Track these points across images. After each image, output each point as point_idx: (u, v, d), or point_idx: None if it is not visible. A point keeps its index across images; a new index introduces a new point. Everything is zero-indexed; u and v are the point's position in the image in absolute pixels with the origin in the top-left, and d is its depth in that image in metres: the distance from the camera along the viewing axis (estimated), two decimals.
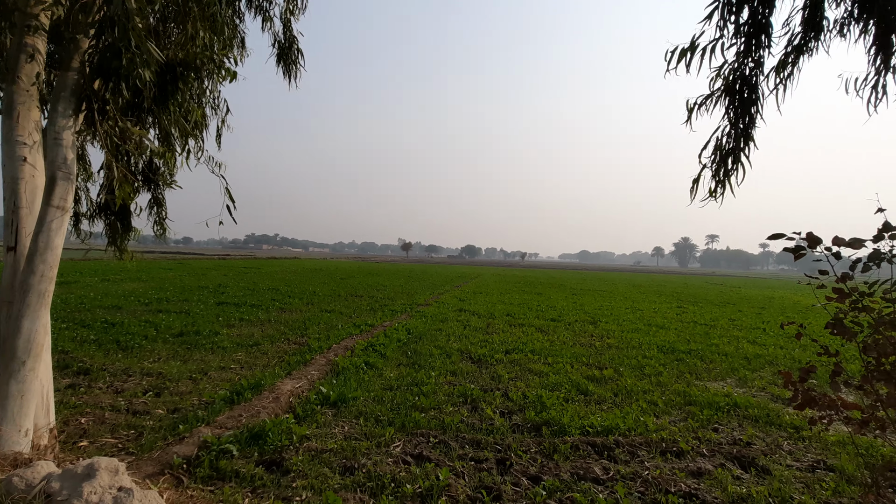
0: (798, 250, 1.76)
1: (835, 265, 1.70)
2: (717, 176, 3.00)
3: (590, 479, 3.64)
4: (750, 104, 2.98)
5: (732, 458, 4.09)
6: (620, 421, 4.77)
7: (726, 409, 5.33)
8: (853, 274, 1.84)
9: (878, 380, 1.83)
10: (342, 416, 4.73)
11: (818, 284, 1.78)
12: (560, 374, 6.66)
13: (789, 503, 3.34)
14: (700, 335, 10.63)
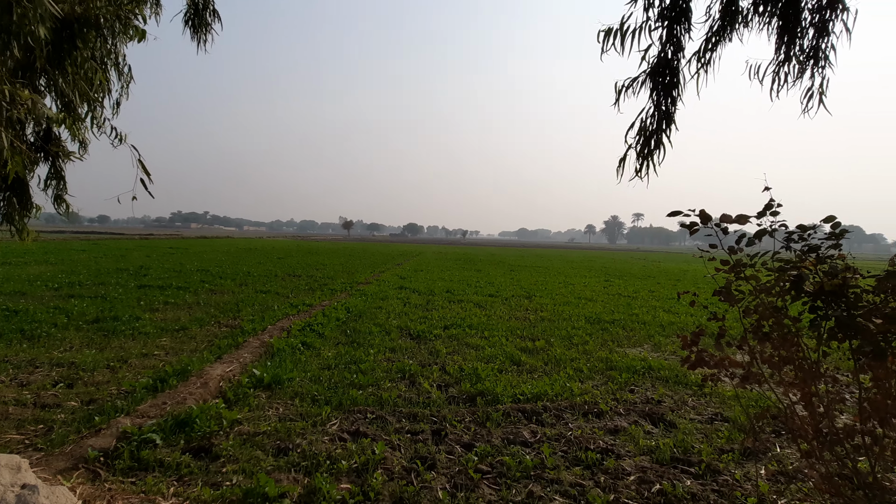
0: (692, 226, 1.95)
1: (723, 239, 1.91)
2: (642, 156, 3.19)
3: (519, 442, 3.88)
4: (672, 87, 3.18)
5: (645, 416, 4.52)
6: (549, 388, 5.08)
7: (642, 372, 5.84)
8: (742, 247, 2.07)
9: (758, 340, 2.10)
10: (277, 398, 4.65)
11: (709, 257, 2.00)
12: (496, 346, 6.94)
13: (690, 451, 3.77)
14: (623, 306, 11.45)
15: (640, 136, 3.12)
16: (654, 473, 3.39)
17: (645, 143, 3.09)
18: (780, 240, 1.91)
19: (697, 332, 2.08)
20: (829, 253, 1.85)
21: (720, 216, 1.89)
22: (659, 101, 3.11)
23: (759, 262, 2.04)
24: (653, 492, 3.15)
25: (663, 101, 3.10)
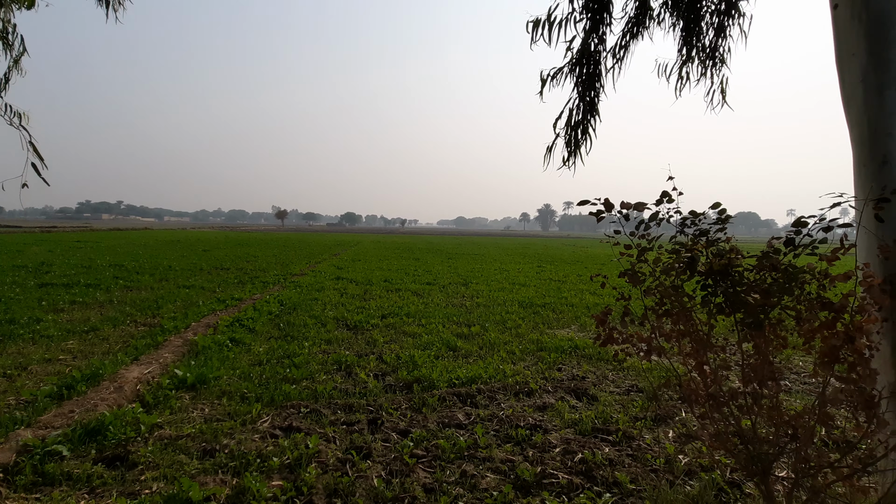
0: (599, 214, 2.10)
1: (625, 225, 2.08)
2: (570, 145, 3.34)
3: (454, 425, 3.99)
4: (594, 79, 3.36)
5: (570, 391, 4.81)
6: (483, 371, 5.25)
7: (569, 351, 6.20)
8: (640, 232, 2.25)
9: (660, 316, 2.31)
10: (202, 399, 4.42)
11: (614, 242, 2.16)
12: (433, 333, 7.03)
13: (609, 421, 4.08)
14: (553, 290, 12.03)
15: (567, 126, 3.27)
16: (577, 444, 3.64)
17: (572, 132, 3.24)
18: (676, 225, 2.11)
19: (605, 312, 2.25)
20: (716, 236, 2.08)
21: (620, 203, 2.05)
22: (583, 91, 3.27)
23: (656, 246, 2.24)
24: (576, 461, 3.38)
25: (587, 92, 3.26)
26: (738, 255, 2.04)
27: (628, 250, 2.17)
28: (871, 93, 2.35)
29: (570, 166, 3.31)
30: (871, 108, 2.33)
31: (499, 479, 3.14)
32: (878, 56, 2.36)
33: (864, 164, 2.35)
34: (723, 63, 3.68)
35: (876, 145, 2.32)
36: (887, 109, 2.29)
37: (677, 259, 2.09)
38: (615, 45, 3.65)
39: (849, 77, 2.46)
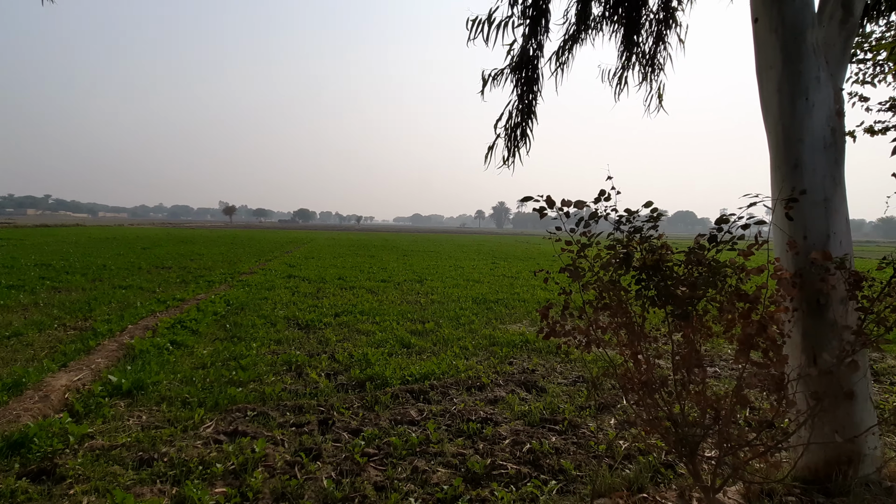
0: (542, 211, 2.18)
1: (565, 222, 2.17)
2: (509, 145, 3.42)
3: (406, 422, 4.00)
4: (533, 82, 3.45)
5: (521, 384, 4.94)
6: (436, 367, 5.29)
7: (520, 346, 6.36)
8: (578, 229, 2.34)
9: (599, 309, 2.42)
10: (139, 406, 4.18)
11: (556, 238, 2.25)
12: (386, 331, 7.00)
13: (557, 411, 4.23)
14: (506, 286, 12.28)
15: (507, 127, 3.34)
16: (525, 435, 3.75)
17: (512, 133, 3.32)
18: (612, 222, 2.22)
19: (547, 306, 2.34)
20: (649, 233, 2.20)
21: (560, 201, 2.13)
22: (522, 94, 3.35)
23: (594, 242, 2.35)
24: (524, 451, 3.49)
25: (526, 96, 3.35)
26: (669, 251, 2.17)
27: (569, 246, 2.26)
28: (785, 101, 2.57)
29: (510, 166, 3.40)
30: (785, 115, 2.55)
31: (450, 473, 3.18)
32: (791, 67, 2.58)
33: (779, 166, 2.57)
34: (661, 70, 3.89)
35: (789, 150, 2.54)
36: (798, 117, 2.51)
37: (614, 255, 2.20)
38: (559, 49, 3.78)
39: (767, 86, 2.67)
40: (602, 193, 2.14)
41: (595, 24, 3.81)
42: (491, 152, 3.40)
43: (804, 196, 2.45)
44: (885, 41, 4.83)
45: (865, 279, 2.00)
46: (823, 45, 2.63)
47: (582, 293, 2.30)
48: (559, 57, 3.99)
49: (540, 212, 2.18)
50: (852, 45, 2.85)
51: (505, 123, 3.37)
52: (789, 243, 2.07)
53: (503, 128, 3.62)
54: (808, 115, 2.48)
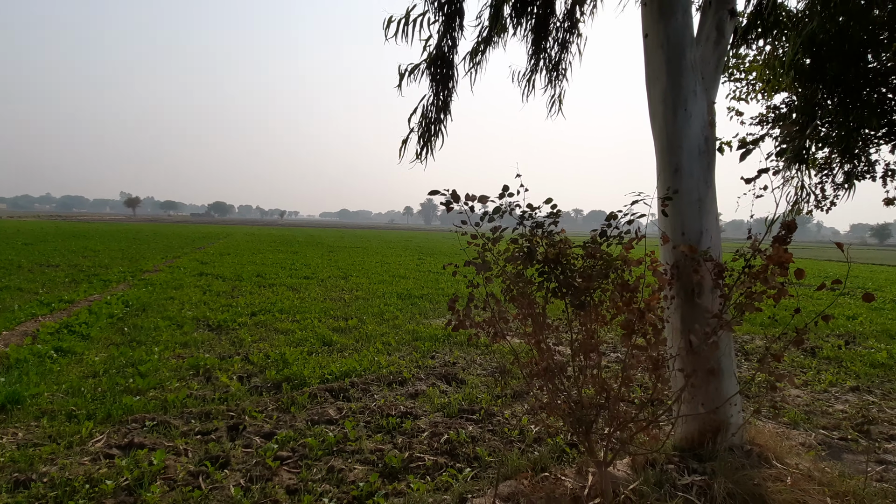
0: (448, 204, 2.24)
1: (470, 216, 2.24)
2: (422, 140, 3.45)
3: (324, 421, 3.91)
4: (447, 80, 3.50)
5: (442, 377, 5.04)
6: (357, 364, 5.22)
7: (443, 340, 6.47)
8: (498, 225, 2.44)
9: (508, 301, 2.53)
10: (14, 422, 3.69)
11: (462, 232, 2.32)
12: (307, 329, 6.78)
13: (475, 402, 4.36)
14: (431, 281, 12.41)
15: (421, 122, 3.37)
16: (444, 426, 3.83)
17: (426, 128, 3.35)
18: (516, 217, 2.33)
19: (453, 299, 2.41)
20: (550, 228, 2.34)
21: (465, 195, 2.20)
22: (437, 90, 3.39)
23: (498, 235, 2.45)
24: (442, 442, 3.56)
25: (441, 92, 3.40)
26: (568, 246, 2.32)
27: (474, 240, 2.35)
28: (668, 111, 2.85)
29: (423, 160, 3.44)
30: (668, 123, 2.83)
31: (367, 470, 3.17)
32: (674, 80, 2.86)
33: (663, 169, 2.85)
34: (563, 76, 4.14)
35: (671, 155, 2.82)
36: (679, 126, 2.80)
37: (518, 249, 2.31)
38: (473, 49, 3.87)
39: (654, 96, 2.94)
40: (505, 189, 2.24)
41: (507, 28, 3.95)
42: (405, 146, 3.41)
43: (683, 196, 2.74)
44: (755, 64, 5.52)
45: (726, 269, 2.29)
46: (700, 62, 2.96)
47: (485, 286, 2.39)
48: (473, 57, 4.09)
49: (446, 206, 2.23)
50: (723, 63, 3.22)
51: (419, 118, 3.40)
52: (663, 237, 2.31)
53: (417, 123, 3.64)
54: (687, 124, 2.78)
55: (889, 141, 5.08)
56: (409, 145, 3.43)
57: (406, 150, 3.43)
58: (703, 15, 3.20)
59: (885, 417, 4.31)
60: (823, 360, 6.25)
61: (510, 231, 2.49)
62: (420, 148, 3.44)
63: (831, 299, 11.53)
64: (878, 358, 6.26)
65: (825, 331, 8.01)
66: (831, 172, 5.39)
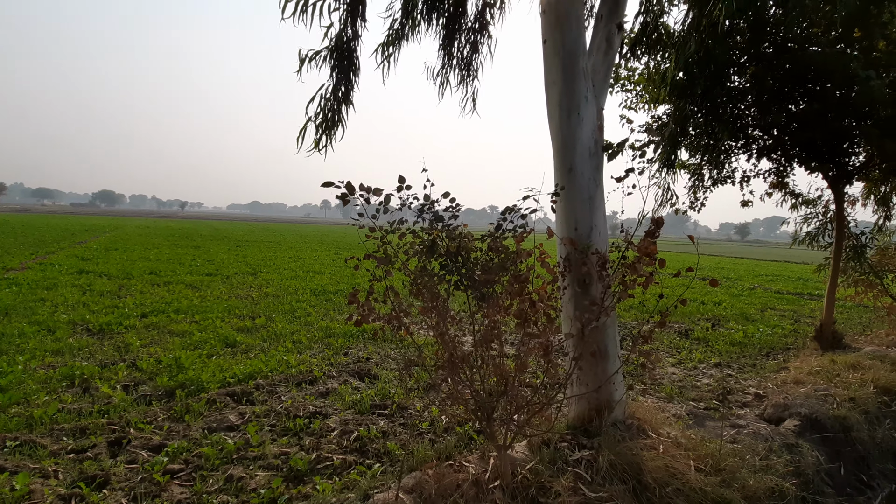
0: (344, 197, 2.20)
1: (367, 209, 2.23)
2: (321, 129, 3.34)
3: (223, 428, 3.67)
4: (349, 70, 3.42)
5: (355, 374, 4.96)
6: (264, 365, 4.97)
7: (357, 335, 6.36)
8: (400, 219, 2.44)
9: (414, 295, 2.56)
10: None
11: (360, 225, 2.31)
12: (207, 330, 6.30)
13: (387, 396, 4.36)
14: (348, 277, 12.15)
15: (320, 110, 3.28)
16: (354, 423, 3.78)
17: (325, 117, 3.26)
18: (414, 210, 2.37)
19: (353, 293, 2.39)
20: (450, 222, 2.40)
21: (359, 186, 2.18)
22: (339, 80, 3.32)
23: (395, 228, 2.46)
24: (352, 439, 3.51)
25: (342, 82, 3.32)
26: (469, 239, 2.40)
27: (373, 233, 2.34)
28: (563, 114, 3.05)
29: (321, 150, 3.35)
30: (563, 126, 3.03)
31: (270, 476, 3.03)
32: (569, 85, 3.06)
33: (558, 169, 3.05)
34: (475, 76, 4.26)
35: (565, 156, 3.03)
36: (572, 128, 3.01)
37: (420, 242, 2.35)
38: (385, 41, 3.84)
39: (551, 100, 3.13)
40: (402, 181, 2.26)
41: (418, 23, 3.96)
42: (303, 134, 3.27)
43: (575, 195, 2.96)
44: (642, 77, 6.12)
45: (608, 261, 2.53)
46: (592, 70, 3.20)
47: (385, 280, 2.40)
48: (385, 50, 4.05)
49: (342, 198, 2.20)
50: (611, 73, 3.52)
51: (317, 107, 3.28)
52: (548, 232, 2.48)
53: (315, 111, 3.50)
54: (579, 127, 3.00)
55: (745, 152, 5.92)
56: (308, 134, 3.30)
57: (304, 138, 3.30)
58: (595, 27, 3.46)
59: (740, 388, 5.05)
60: (695, 340, 7.14)
61: (412, 224, 2.51)
62: (318, 137, 3.32)
63: (700, 287, 13.16)
64: (736, 337, 7.30)
65: (696, 315, 9.15)
66: (701, 177, 6.16)
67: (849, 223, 6.64)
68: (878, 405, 4.38)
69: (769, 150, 5.92)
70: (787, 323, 8.90)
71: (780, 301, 12.08)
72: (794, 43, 5.09)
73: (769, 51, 5.23)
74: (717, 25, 3.91)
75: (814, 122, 5.15)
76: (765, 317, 9.54)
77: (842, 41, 4.86)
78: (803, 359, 5.74)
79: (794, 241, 7.48)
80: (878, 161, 5.71)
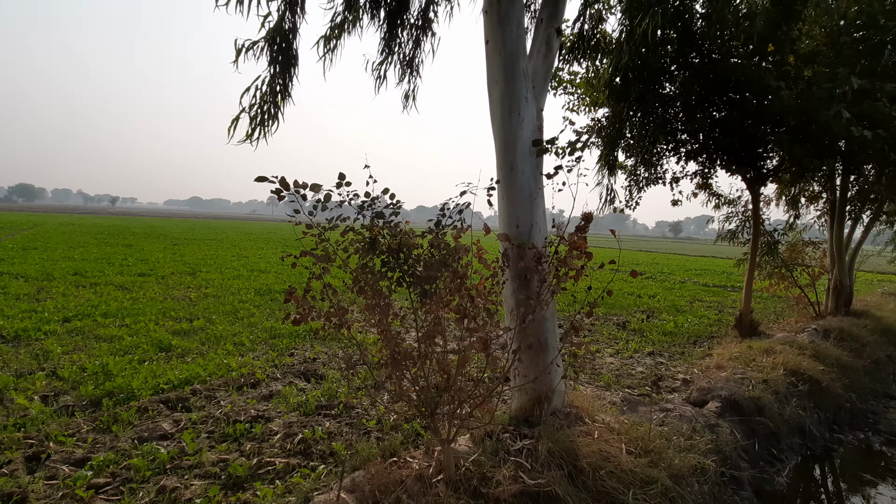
0: (279, 192, 2.15)
1: (303, 205, 2.19)
2: (255, 121, 3.23)
3: (156, 437, 3.48)
4: (288, 62, 3.32)
5: (300, 375, 4.85)
6: (202, 369, 4.74)
7: (303, 335, 6.21)
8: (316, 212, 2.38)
9: (357, 293, 2.55)
10: None
11: (296, 222, 2.26)
12: (139, 334, 5.92)
13: (334, 396, 4.30)
14: (296, 275, 11.79)
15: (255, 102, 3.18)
16: (299, 426, 3.70)
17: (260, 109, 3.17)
18: (355, 207, 2.35)
19: (289, 291, 2.35)
20: (391, 219, 2.41)
21: (293, 182, 2.14)
22: (276, 71, 3.22)
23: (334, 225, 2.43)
24: (295, 442, 3.44)
25: (280, 74, 3.23)
26: (410, 236, 2.42)
27: (310, 230, 2.31)
28: (505, 114, 3.13)
29: (253, 142, 3.24)
30: (505, 125, 3.11)
31: (206, 485, 2.91)
32: (510, 86, 3.15)
33: (501, 167, 3.13)
34: (418, 73, 4.27)
35: (507, 155, 3.12)
36: (514, 128, 3.10)
37: (361, 239, 2.34)
38: (327, 34, 3.76)
39: (493, 99, 3.21)
40: (342, 178, 2.24)
41: (361, 16, 3.91)
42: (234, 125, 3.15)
43: (517, 193, 3.06)
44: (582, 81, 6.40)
45: (544, 256, 2.64)
46: (532, 72, 3.31)
47: (323, 277, 2.38)
48: (328, 42, 3.97)
49: (277, 194, 2.14)
50: (551, 75, 3.65)
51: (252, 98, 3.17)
52: (485, 227, 2.55)
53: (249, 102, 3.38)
54: (520, 127, 3.10)
55: (674, 154, 6.33)
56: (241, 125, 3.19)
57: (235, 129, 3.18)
58: (535, 30, 3.57)
59: (670, 374, 5.42)
60: (632, 331, 7.57)
61: (353, 221, 2.49)
62: (252, 129, 3.21)
63: (637, 282, 13.96)
64: (667, 327, 7.81)
65: (633, 308, 9.70)
66: (636, 177, 6.53)
67: (764, 221, 7.29)
68: (787, 385, 4.85)
69: (696, 154, 6.38)
70: (713, 313, 9.63)
71: (707, 293, 13.03)
72: (717, 54, 5.50)
73: (696, 61, 5.61)
74: (649, 35, 4.15)
75: (733, 128, 5.60)
76: (693, 308, 10.26)
77: (758, 54, 5.31)
78: (725, 346, 6.23)
79: (718, 237, 8.12)
80: (789, 165, 6.29)
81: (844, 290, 8.45)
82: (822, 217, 9.03)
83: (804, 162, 5.69)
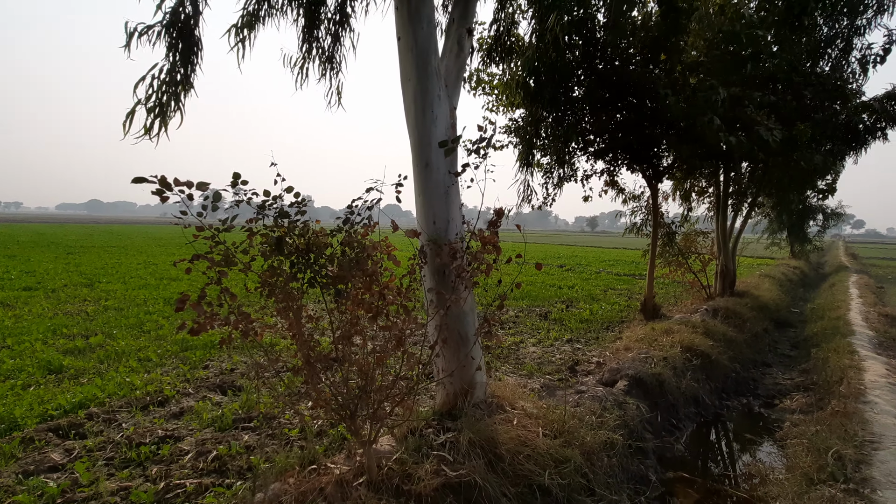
0: (160, 193, 2.01)
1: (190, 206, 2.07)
2: (154, 113, 2.99)
3: (44, 470, 3.11)
4: (189, 50, 3.09)
5: (216, 388, 4.55)
6: (99, 390, 4.30)
7: (218, 346, 5.84)
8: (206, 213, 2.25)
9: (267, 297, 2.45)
10: None
11: (185, 224, 2.13)
12: (23, 356, 5.23)
13: (253, 408, 4.09)
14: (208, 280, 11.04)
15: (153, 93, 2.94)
16: (213, 442, 3.47)
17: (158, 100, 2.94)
18: (255, 207, 2.26)
19: (181, 299, 2.21)
20: (296, 218, 2.34)
21: (173, 180, 2.01)
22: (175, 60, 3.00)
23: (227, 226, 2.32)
24: (209, 460, 3.23)
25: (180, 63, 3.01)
26: (319, 235, 2.37)
27: (202, 232, 2.18)
28: (419, 111, 3.16)
29: (153, 137, 3.00)
30: (419, 122, 3.14)
31: None
32: (423, 84, 3.18)
33: (416, 164, 3.16)
34: (338, 70, 4.18)
35: (422, 151, 3.15)
36: (427, 125, 3.14)
37: (267, 240, 2.25)
38: (240, 23, 3.56)
39: (407, 96, 3.22)
40: (237, 177, 2.14)
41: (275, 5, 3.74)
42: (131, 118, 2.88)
43: (433, 189, 3.10)
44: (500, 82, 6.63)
45: (458, 252, 2.72)
46: (444, 71, 3.36)
47: (222, 281, 2.27)
48: (240, 32, 3.76)
49: (159, 195, 2.00)
50: (463, 74, 3.74)
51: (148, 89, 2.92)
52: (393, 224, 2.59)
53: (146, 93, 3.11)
54: (434, 124, 3.14)
55: (584, 153, 6.77)
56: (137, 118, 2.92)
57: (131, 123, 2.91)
58: (447, 30, 3.64)
59: (586, 359, 5.80)
60: (553, 321, 8.00)
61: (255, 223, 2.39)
62: (149, 123, 2.96)
63: (558, 273, 14.78)
64: (584, 315, 8.35)
65: (554, 298, 10.25)
66: (551, 175, 6.90)
67: (663, 215, 8.03)
68: (683, 361, 5.39)
69: (603, 153, 6.87)
70: (623, 300, 10.44)
71: (619, 282, 14.09)
72: (618, 61, 5.96)
73: (600, 66, 6.04)
74: (558, 40, 4.38)
75: (633, 129, 6.10)
76: (607, 296, 11.05)
77: (651, 63, 5.82)
78: (632, 329, 6.79)
79: (626, 230, 8.83)
80: (680, 163, 6.99)
81: (729, 273, 9.56)
82: (710, 210, 10.14)
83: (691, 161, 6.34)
